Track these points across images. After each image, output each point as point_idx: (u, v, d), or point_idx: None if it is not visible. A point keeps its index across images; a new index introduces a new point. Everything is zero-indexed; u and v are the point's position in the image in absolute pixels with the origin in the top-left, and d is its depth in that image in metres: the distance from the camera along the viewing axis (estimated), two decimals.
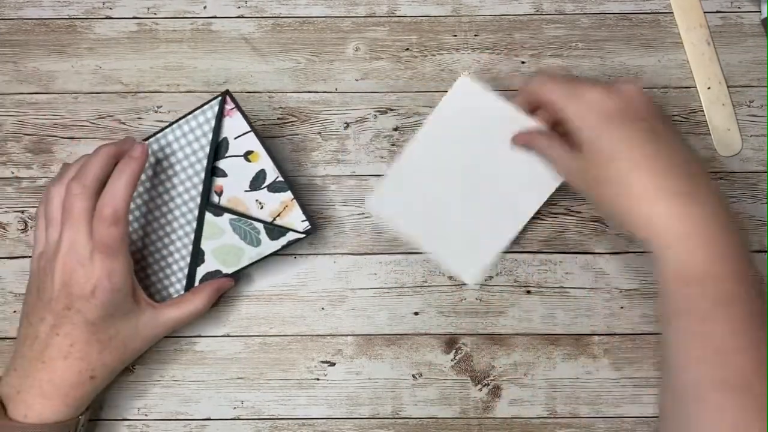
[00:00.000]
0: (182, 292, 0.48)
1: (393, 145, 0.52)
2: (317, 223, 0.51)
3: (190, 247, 0.48)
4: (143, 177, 0.46)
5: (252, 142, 0.47)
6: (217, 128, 0.47)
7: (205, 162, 0.47)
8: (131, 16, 0.54)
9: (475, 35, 0.54)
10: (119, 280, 0.42)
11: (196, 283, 0.48)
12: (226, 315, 0.50)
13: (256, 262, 0.48)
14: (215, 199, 0.48)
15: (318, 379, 0.50)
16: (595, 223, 0.52)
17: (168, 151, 0.47)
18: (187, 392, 0.50)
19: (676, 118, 0.53)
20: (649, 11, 0.54)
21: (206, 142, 0.47)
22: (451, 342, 0.51)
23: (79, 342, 0.42)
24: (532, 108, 0.47)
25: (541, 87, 0.44)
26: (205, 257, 0.48)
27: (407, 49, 0.54)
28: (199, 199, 0.47)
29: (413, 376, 0.50)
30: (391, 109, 0.53)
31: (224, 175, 0.48)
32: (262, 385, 0.50)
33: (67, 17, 0.54)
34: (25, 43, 0.54)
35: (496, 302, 0.51)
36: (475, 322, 0.51)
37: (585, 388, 0.50)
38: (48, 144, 0.53)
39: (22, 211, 0.52)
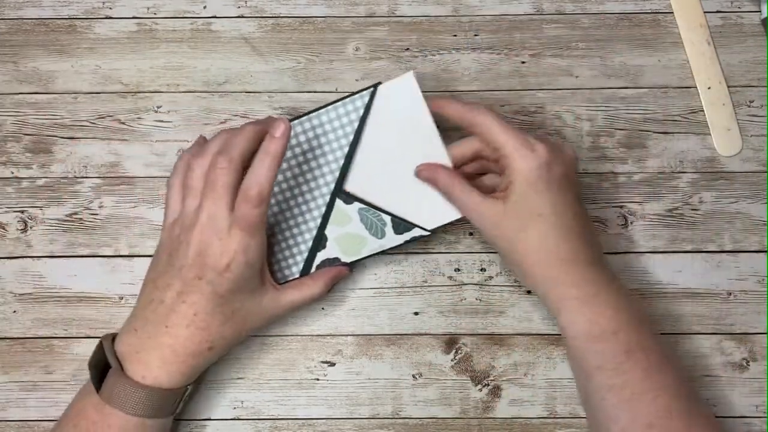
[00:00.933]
0: (297, 275, 0.48)
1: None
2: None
3: (315, 232, 0.48)
4: None
5: None
6: (364, 119, 0.47)
7: (346, 149, 0.47)
8: (131, 16, 0.54)
9: (475, 35, 0.54)
10: (254, 256, 0.42)
11: (313, 268, 0.48)
12: None
13: (375, 254, 0.48)
14: (347, 184, 0.48)
15: (318, 380, 0.50)
16: (596, 223, 0.52)
17: (311, 134, 0.47)
18: None
19: (676, 118, 0.53)
20: (649, 11, 0.54)
21: (351, 130, 0.47)
22: (451, 342, 0.51)
23: (203, 312, 0.42)
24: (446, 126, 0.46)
25: (494, 122, 0.43)
26: (327, 243, 0.48)
27: (407, 49, 0.54)
28: (333, 186, 0.47)
29: (413, 376, 0.50)
30: None
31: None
32: (261, 385, 0.50)
33: (66, 17, 0.54)
34: (25, 43, 0.54)
35: (496, 302, 0.51)
36: (475, 322, 0.51)
37: None
38: (48, 144, 0.53)
39: (22, 211, 0.52)
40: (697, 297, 0.51)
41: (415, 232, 0.48)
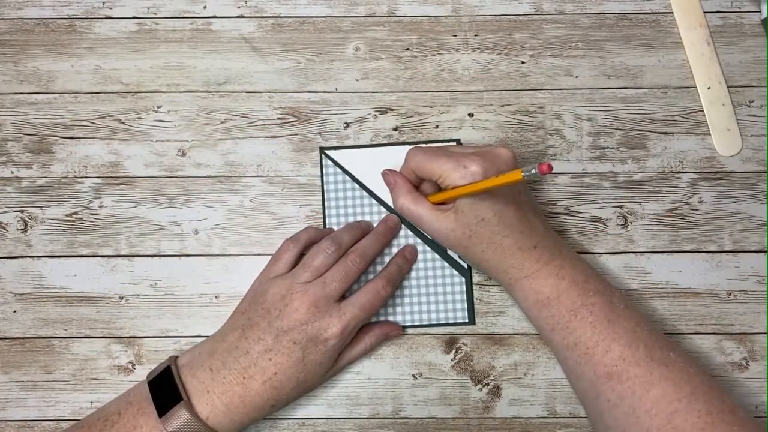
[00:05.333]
0: (465, 300, 0.51)
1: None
2: None
3: (438, 256, 0.51)
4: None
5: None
6: (340, 167, 0.52)
7: (364, 193, 0.51)
8: (131, 16, 0.54)
9: (475, 35, 0.54)
10: (348, 336, 0.45)
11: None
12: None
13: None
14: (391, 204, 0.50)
15: None
16: (595, 223, 0.52)
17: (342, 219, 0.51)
18: None
19: (676, 118, 0.53)
20: (649, 11, 0.54)
21: (351, 184, 0.51)
22: (451, 342, 0.51)
23: (282, 373, 0.43)
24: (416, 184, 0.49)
25: (426, 162, 0.45)
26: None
27: (407, 49, 0.54)
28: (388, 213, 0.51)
29: (413, 376, 0.50)
30: (391, 109, 0.53)
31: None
32: None
33: (67, 17, 0.54)
34: (25, 43, 0.54)
35: (496, 302, 0.51)
36: (475, 322, 0.51)
37: None
38: (48, 144, 0.53)
39: (22, 211, 0.52)
40: (697, 297, 0.51)
41: None
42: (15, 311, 0.51)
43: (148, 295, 0.51)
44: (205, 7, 0.54)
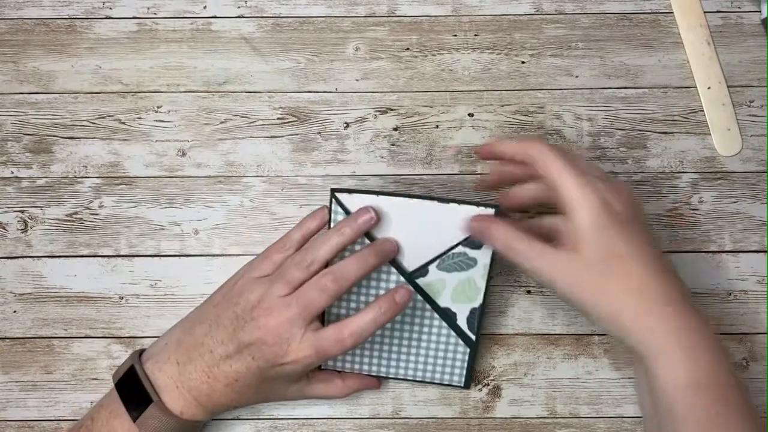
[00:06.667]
0: (465, 365, 0.48)
1: (393, 145, 0.52)
2: None
3: (438, 321, 0.47)
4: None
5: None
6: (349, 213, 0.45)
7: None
8: (131, 16, 0.54)
9: (475, 35, 0.54)
10: (305, 369, 0.43)
11: (463, 325, 0.47)
12: None
13: (489, 276, 0.46)
14: (406, 266, 0.46)
15: None
16: None
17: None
18: None
19: (676, 118, 0.53)
20: (649, 11, 0.54)
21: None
22: None
23: (243, 381, 0.43)
24: (495, 181, 0.46)
25: (547, 155, 0.40)
26: (452, 310, 0.47)
27: (407, 49, 0.54)
28: (401, 278, 0.46)
29: None
30: (391, 109, 0.53)
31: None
32: None
33: (67, 17, 0.54)
34: (25, 43, 0.54)
35: (496, 302, 0.51)
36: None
37: (585, 388, 0.50)
38: (48, 144, 0.53)
39: (22, 211, 0.52)
40: (696, 297, 0.51)
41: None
42: (15, 311, 0.51)
43: (148, 295, 0.51)
44: (205, 7, 0.54)
